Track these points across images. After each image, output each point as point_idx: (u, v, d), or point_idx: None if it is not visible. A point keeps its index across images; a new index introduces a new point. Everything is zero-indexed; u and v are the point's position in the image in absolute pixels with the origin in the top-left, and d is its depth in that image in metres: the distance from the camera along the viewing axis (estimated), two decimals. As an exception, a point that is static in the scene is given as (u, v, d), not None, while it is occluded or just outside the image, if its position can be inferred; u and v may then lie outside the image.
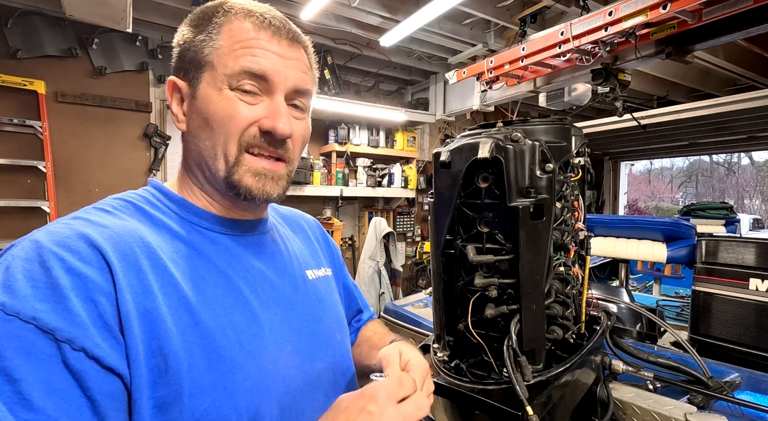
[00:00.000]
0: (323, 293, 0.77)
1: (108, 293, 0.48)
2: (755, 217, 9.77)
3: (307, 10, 3.27)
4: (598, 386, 0.95)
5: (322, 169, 4.70)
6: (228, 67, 0.58)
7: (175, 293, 0.53)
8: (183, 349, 0.51)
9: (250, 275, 0.63)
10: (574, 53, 2.23)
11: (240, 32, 0.59)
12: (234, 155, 0.60)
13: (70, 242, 0.48)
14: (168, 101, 0.64)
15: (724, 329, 1.60)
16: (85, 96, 3.69)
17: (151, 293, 0.51)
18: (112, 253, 0.50)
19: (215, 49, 0.58)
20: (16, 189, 3.42)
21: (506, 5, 3.44)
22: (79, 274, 0.47)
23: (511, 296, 0.78)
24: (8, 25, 3.30)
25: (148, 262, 0.52)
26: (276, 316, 0.64)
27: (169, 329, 0.50)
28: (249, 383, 0.55)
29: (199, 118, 0.60)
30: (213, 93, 0.58)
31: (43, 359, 0.42)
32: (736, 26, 1.92)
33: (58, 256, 0.46)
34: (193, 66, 0.60)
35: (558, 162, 0.80)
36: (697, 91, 4.88)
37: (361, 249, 4.93)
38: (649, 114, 3.77)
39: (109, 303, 0.47)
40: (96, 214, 0.55)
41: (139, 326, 0.49)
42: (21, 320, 0.42)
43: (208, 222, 0.63)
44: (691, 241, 1.97)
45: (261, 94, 0.60)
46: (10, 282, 0.44)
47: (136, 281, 0.50)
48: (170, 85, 0.63)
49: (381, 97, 5.53)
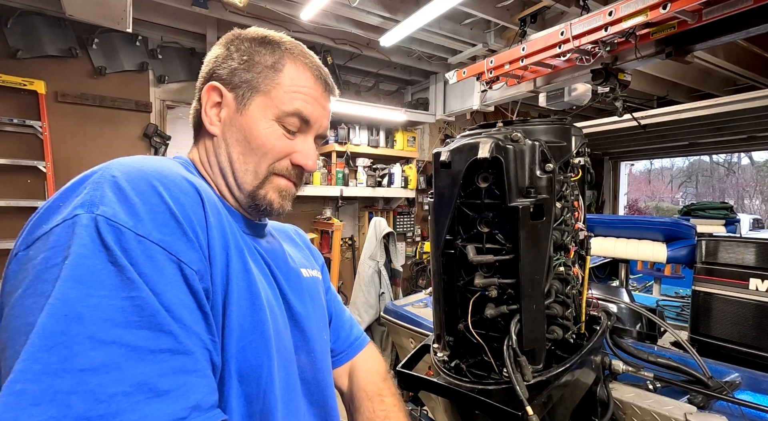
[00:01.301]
0: (314, 292, 0.82)
1: (203, 227, 0.54)
2: (755, 217, 9.77)
3: (307, 10, 3.27)
4: (598, 386, 0.96)
5: (322, 169, 4.70)
6: (284, 104, 0.67)
7: (235, 241, 0.61)
8: (237, 290, 0.58)
9: (277, 262, 0.72)
10: (574, 53, 2.23)
11: (301, 79, 0.69)
12: (263, 175, 0.68)
13: (171, 175, 0.54)
14: (202, 101, 0.69)
15: (724, 329, 1.60)
16: (85, 96, 3.69)
17: (225, 236, 0.58)
18: (203, 193, 0.56)
19: (275, 83, 0.67)
20: (16, 189, 3.42)
21: (506, 5, 3.44)
22: (184, 204, 0.53)
23: (511, 296, 0.78)
24: (8, 25, 3.30)
25: (220, 217, 0.59)
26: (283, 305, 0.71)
27: (233, 269, 0.58)
28: (269, 340, 0.62)
29: (240, 133, 0.67)
30: (261, 119, 0.67)
31: (171, 277, 0.49)
32: (736, 26, 1.92)
33: (166, 185, 0.52)
34: (247, 87, 0.67)
35: (558, 162, 0.80)
36: (697, 91, 4.88)
37: (361, 249, 4.93)
38: (649, 114, 3.76)
39: (203, 235, 0.54)
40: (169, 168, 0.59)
41: (219, 259, 0.56)
42: (150, 241, 0.48)
43: (235, 219, 0.68)
44: (691, 241, 1.97)
45: (297, 132, 0.70)
46: (130, 205, 0.48)
47: (217, 222, 0.57)
48: (212, 88, 0.68)
49: (381, 97, 5.53)
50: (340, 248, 4.68)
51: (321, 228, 4.84)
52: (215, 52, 0.70)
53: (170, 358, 0.45)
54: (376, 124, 4.99)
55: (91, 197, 0.47)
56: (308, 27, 3.75)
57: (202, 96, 0.69)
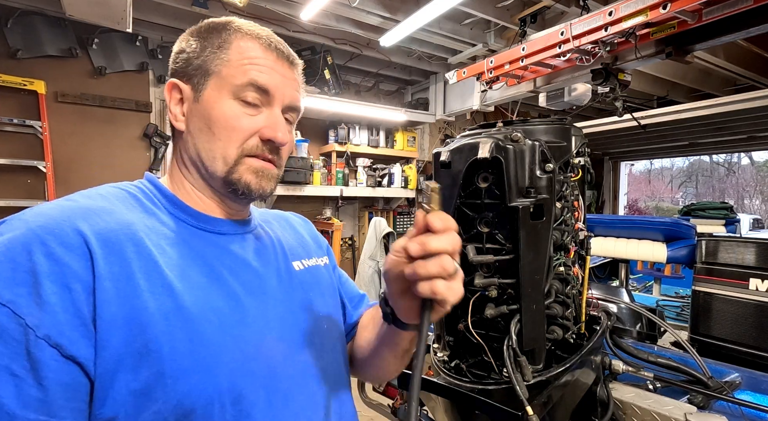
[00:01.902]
0: (310, 283, 0.78)
1: (85, 281, 0.49)
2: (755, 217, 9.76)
3: (307, 10, 3.27)
4: (598, 386, 0.95)
5: (322, 169, 4.70)
6: (236, 78, 0.64)
7: (158, 279, 0.55)
8: (164, 333, 0.52)
9: (236, 266, 0.66)
10: (574, 53, 2.23)
11: (249, 50, 0.66)
12: (233, 159, 0.65)
13: (55, 226, 0.50)
14: (167, 101, 0.67)
15: (724, 329, 1.60)
16: (85, 96, 3.69)
17: (132, 280, 0.53)
18: (95, 239, 0.51)
19: (224, 61, 0.65)
20: (16, 189, 3.42)
21: (506, 5, 3.44)
22: (58, 259, 0.48)
23: (511, 296, 0.78)
24: (8, 25, 3.30)
25: (133, 248, 0.55)
26: (261, 305, 0.66)
27: (151, 314, 0.52)
28: (232, 365, 0.57)
29: (200, 121, 0.65)
30: (217, 99, 0.64)
31: (10, 344, 0.44)
32: (736, 26, 1.92)
33: (42, 240, 0.48)
34: (200, 73, 0.65)
35: (558, 162, 0.80)
36: (697, 91, 4.88)
37: (361, 249, 4.93)
38: (649, 114, 3.76)
39: (85, 290, 0.49)
40: (90, 198, 0.58)
41: (119, 313, 0.50)
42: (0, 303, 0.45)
43: (196, 220, 0.66)
44: (691, 241, 1.97)
45: (261, 106, 0.66)
46: None
47: (118, 268, 0.52)
48: (171, 86, 0.67)
49: (381, 97, 5.53)
50: (340, 248, 4.68)
51: (321, 228, 4.84)
52: (173, 52, 0.69)
53: None
54: (376, 124, 4.99)
55: None
56: (308, 27, 3.75)
57: (165, 96, 0.67)
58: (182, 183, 0.68)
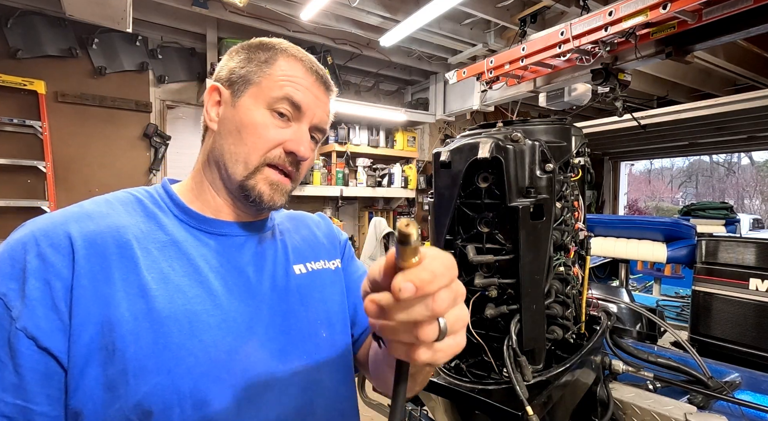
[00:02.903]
0: (311, 287, 0.75)
1: (65, 278, 0.53)
2: (755, 217, 9.77)
3: (307, 10, 3.27)
4: (598, 386, 0.95)
5: (322, 169, 4.70)
6: (274, 90, 0.68)
7: (135, 280, 0.58)
8: (131, 332, 0.55)
9: (224, 270, 0.66)
10: (574, 53, 2.23)
11: (291, 69, 0.70)
12: (254, 165, 0.67)
13: (51, 228, 0.56)
14: (204, 102, 0.71)
15: (724, 329, 1.60)
16: (85, 96, 3.69)
17: (110, 280, 0.56)
18: (81, 241, 0.56)
19: (266, 74, 0.69)
20: (16, 189, 3.43)
21: (506, 5, 3.44)
22: (45, 258, 0.53)
23: (511, 296, 0.78)
24: (8, 25, 3.30)
25: (116, 251, 0.58)
26: (246, 309, 0.65)
27: (122, 314, 0.55)
28: (197, 370, 0.57)
29: (231, 124, 0.68)
30: (251, 107, 0.68)
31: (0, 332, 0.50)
32: (736, 26, 1.92)
33: (37, 241, 0.54)
34: (242, 81, 0.69)
35: (558, 162, 0.80)
36: (697, 91, 4.88)
37: (361, 249, 4.93)
38: (649, 114, 3.76)
39: (63, 287, 0.53)
40: (95, 203, 0.63)
41: (93, 310, 0.54)
42: None
43: (196, 221, 0.68)
44: (691, 241, 1.97)
45: (291, 120, 0.70)
46: None
47: (98, 267, 0.56)
48: (213, 89, 0.71)
49: (381, 97, 5.53)
50: (340, 247, 4.67)
51: (321, 228, 4.83)
52: (220, 63, 0.74)
53: None
54: (376, 124, 4.99)
55: None
56: (308, 27, 3.75)
57: (204, 96, 0.72)
58: (201, 181, 0.71)
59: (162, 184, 0.72)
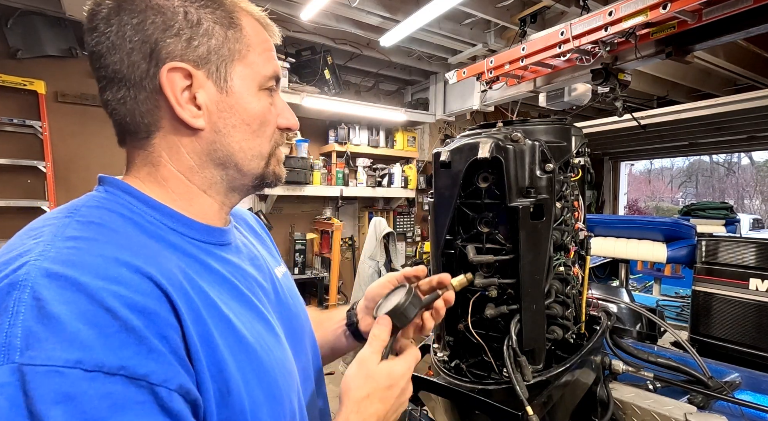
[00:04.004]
0: (291, 288, 0.76)
1: (175, 326, 0.44)
2: (755, 217, 9.76)
3: (307, 10, 3.27)
4: (598, 386, 0.95)
5: (322, 169, 4.70)
6: (262, 67, 0.58)
7: (216, 313, 0.50)
8: (237, 369, 0.49)
9: (248, 283, 0.61)
10: (574, 53, 2.23)
11: (259, 31, 0.60)
12: (268, 153, 0.61)
13: (113, 271, 0.42)
14: (166, 90, 0.51)
15: (724, 329, 1.60)
16: (85, 96, 3.69)
17: (201, 318, 0.48)
18: (162, 278, 0.45)
19: (247, 45, 0.57)
20: (16, 189, 3.42)
21: (506, 5, 3.44)
22: (143, 310, 0.41)
23: (511, 296, 0.78)
24: (8, 25, 3.30)
25: (188, 284, 0.48)
26: (278, 319, 0.65)
27: (222, 352, 0.49)
28: (286, 388, 0.57)
29: (235, 117, 0.56)
30: (249, 93, 0.57)
31: (138, 411, 0.38)
32: (736, 26, 1.92)
33: (112, 292, 0.40)
34: (218, 57, 0.54)
35: (558, 162, 0.80)
36: (697, 91, 4.88)
37: (361, 249, 4.93)
38: (649, 114, 3.77)
39: (177, 336, 0.44)
40: (94, 230, 0.47)
41: (203, 354, 0.46)
42: (105, 373, 0.37)
43: (200, 234, 0.57)
44: (691, 241, 1.97)
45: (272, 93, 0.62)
46: (66, 332, 0.37)
47: (187, 307, 0.46)
48: (175, 71, 0.51)
49: (381, 97, 5.53)
50: (340, 248, 4.68)
51: (321, 228, 4.84)
52: (134, 20, 0.50)
53: None
54: (376, 124, 4.99)
55: (6, 336, 0.36)
56: (308, 27, 3.75)
57: (163, 84, 0.51)
58: (188, 189, 0.57)
59: (122, 189, 0.55)
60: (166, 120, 0.54)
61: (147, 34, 0.50)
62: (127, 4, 0.50)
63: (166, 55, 0.51)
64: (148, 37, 0.50)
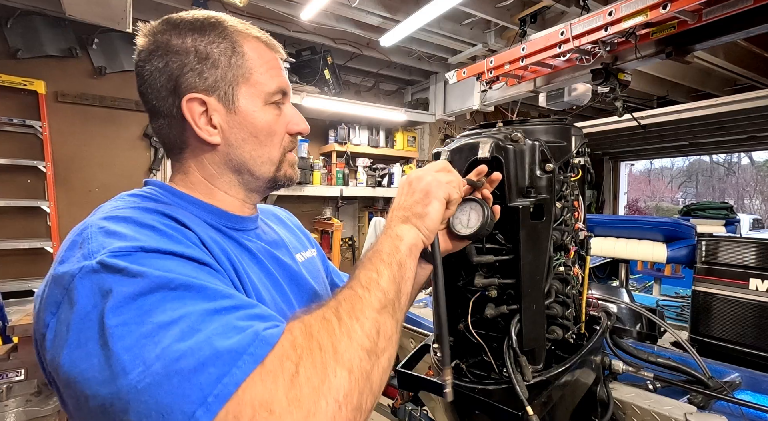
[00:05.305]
0: (313, 272, 0.84)
1: (198, 243, 0.58)
2: (755, 217, 9.75)
3: (307, 10, 3.27)
4: (598, 386, 0.96)
5: (322, 169, 4.70)
6: (266, 85, 0.68)
7: (237, 264, 0.63)
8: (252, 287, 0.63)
9: (266, 256, 0.72)
10: (574, 53, 2.23)
11: (262, 52, 0.69)
12: (278, 159, 0.72)
13: (150, 213, 0.58)
14: (188, 116, 0.64)
15: (724, 329, 1.60)
16: (85, 96, 3.69)
17: (226, 252, 0.62)
18: (191, 224, 0.60)
19: (247, 69, 0.67)
20: (16, 189, 3.42)
21: (506, 5, 3.44)
22: (176, 228, 0.57)
23: (511, 296, 0.78)
24: (8, 25, 3.30)
25: (212, 242, 0.61)
26: (295, 294, 0.73)
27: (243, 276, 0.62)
28: None
29: (243, 132, 0.68)
30: (254, 109, 0.68)
31: (184, 264, 0.52)
32: (736, 26, 1.92)
33: (152, 218, 0.56)
34: (225, 83, 0.66)
35: (558, 162, 0.80)
36: (697, 91, 4.88)
37: (361, 249, 4.93)
38: (649, 114, 3.76)
39: (201, 247, 0.58)
40: (135, 202, 0.62)
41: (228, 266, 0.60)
42: (161, 253, 0.51)
43: (227, 221, 0.70)
44: (691, 241, 1.97)
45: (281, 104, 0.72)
46: (128, 236, 0.52)
47: (212, 243, 0.61)
48: (192, 101, 0.64)
49: (381, 97, 5.53)
50: (340, 248, 4.68)
51: (321, 228, 4.84)
52: (160, 64, 0.64)
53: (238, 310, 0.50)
54: (376, 124, 4.99)
55: (89, 250, 0.51)
56: (308, 27, 3.75)
57: (184, 112, 0.64)
58: (209, 190, 0.71)
59: (158, 186, 0.69)
60: (192, 139, 0.68)
61: (169, 74, 0.64)
62: (154, 51, 0.65)
63: (185, 89, 0.64)
64: (170, 76, 0.64)
